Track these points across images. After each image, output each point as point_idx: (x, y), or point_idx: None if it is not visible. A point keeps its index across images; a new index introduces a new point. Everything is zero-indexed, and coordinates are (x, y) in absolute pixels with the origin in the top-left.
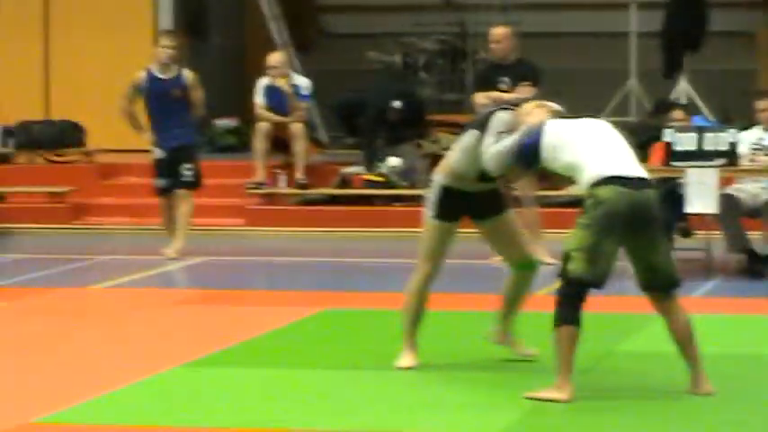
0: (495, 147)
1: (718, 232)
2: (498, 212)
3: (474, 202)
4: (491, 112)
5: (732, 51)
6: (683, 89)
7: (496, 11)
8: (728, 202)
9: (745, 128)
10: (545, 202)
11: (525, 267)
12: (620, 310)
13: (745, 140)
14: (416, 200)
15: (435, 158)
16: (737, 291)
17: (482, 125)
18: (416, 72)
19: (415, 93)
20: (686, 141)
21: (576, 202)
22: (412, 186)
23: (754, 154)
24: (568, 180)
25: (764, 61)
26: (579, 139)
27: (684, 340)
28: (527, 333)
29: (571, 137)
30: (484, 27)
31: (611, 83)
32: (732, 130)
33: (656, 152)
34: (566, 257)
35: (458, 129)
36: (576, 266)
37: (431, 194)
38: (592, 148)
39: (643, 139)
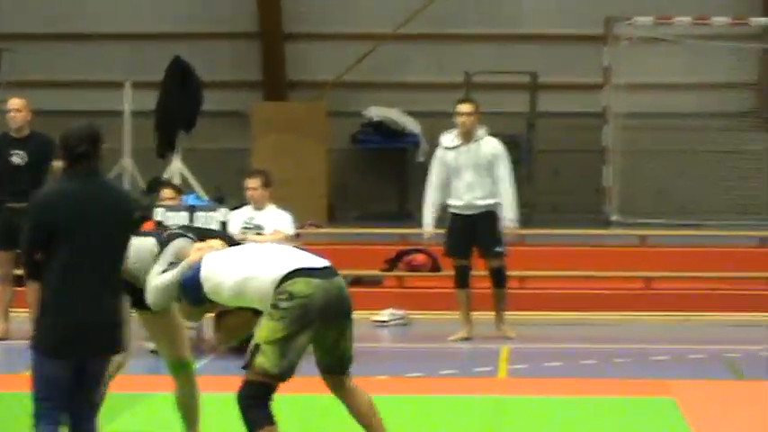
0: (158, 279)
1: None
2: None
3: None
4: (172, 235)
5: (226, 130)
6: (176, 168)
7: None
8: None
9: (237, 207)
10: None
11: (182, 368)
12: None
13: (237, 219)
14: None
15: None
16: (229, 369)
17: (162, 247)
18: None
19: None
20: (177, 219)
21: None
22: None
23: (244, 232)
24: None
25: (257, 140)
26: (241, 257)
27: (367, 415)
28: None
29: (231, 259)
30: None
31: (107, 161)
32: (223, 209)
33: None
34: (255, 349)
35: None
36: (265, 360)
37: None
38: (260, 258)
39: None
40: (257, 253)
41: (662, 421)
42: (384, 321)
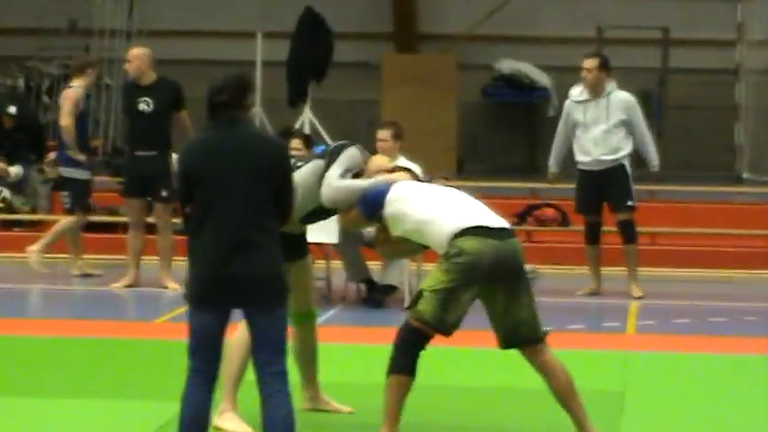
0: (343, 180)
1: (338, 261)
2: (300, 257)
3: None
4: (342, 145)
5: (357, 82)
6: (306, 118)
7: (121, 37)
8: (348, 232)
9: None
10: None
11: (307, 318)
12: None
13: None
14: (37, 225)
15: (58, 183)
16: (357, 320)
17: (331, 156)
18: (39, 96)
19: (35, 115)
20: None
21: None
22: (33, 211)
23: None
24: (414, 248)
25: (388, 92)
26: (429, 197)
27: (564, 394)
28: None
29: (421, 194)
30: (108, 52)
31: None
32: None
33: None
34: (419, 294)
35: None
36: (427, 308)
37: None
38: (445, 204)
39: None
40: (445, 198)
41: None
42: None
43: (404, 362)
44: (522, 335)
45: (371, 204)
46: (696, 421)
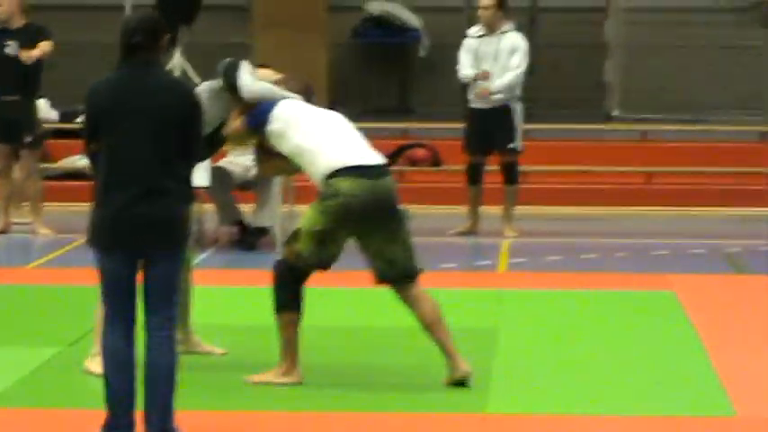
0: (261, 82)
1: (210, 205)
2: None
3: None
4: (232, 61)
5: (227, 25)
6: (177, 62)
7: None
8: (220, 175)
9: None
10: (46, 175)
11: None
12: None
13: None
14: None
15: None
16: (230, 262)
17: (227, 72)
18: None
19: None
20: None
21: (75, 175)
22: None
23: None
24: (290, 167)
25: (258, 35)
26: (313, 124)
27: (432, 326)
28: None
29: (305, 119)
30: None
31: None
32: None
33: None
34: (295, 234)
35: None
36: (303, 247)
37: None
38: (325, 136)
39: None
40: (326, 128)
41: (662, 313)
42: None
43: (285, 298)
44: (397, 271)
45: (257, 117)
46: (567, 357)
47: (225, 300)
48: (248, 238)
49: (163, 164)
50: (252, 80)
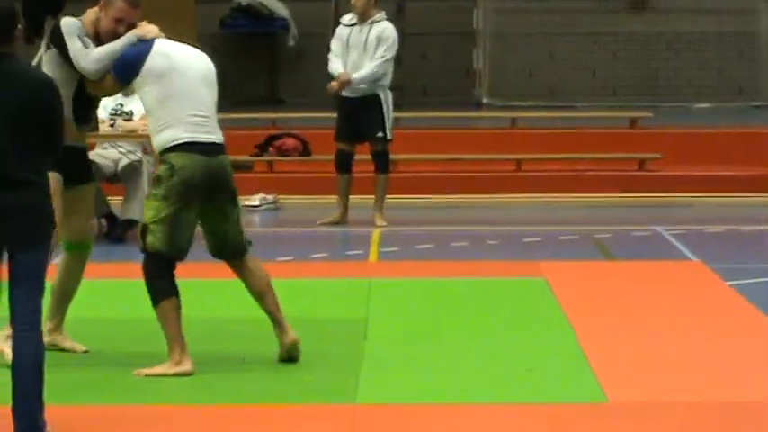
0: (95, 50)
1: None
2: (81, 181)
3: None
4: (54, 25)
5: None
6: (43, 54)
7: None
8: None
9: None
10: None
11: (81, 248)
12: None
13: (106, 106)
14: None
15: None
16: (98, 255)
17: (52, 38)
18: None
19: None
20: None
21: None
22: None
23: (113, 119)
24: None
25: None
26: (176, 79)
27: (261, 295)
28: None
29: (172, 71)
30: None
31: None
32: None
33: None
34: (143, 230)
35: None
36: (155, 240)
37: None
38: (180, 99)
39: None
40: (185, 91)
41: (533, 300)
42: (255, 206)
43: (161, 288)
44: (230, 248)
45: (126, 67)
46: (438, 345)
47: (96, 292)
48: (117, 231)
49: (22, 154)
50: (80, 47)
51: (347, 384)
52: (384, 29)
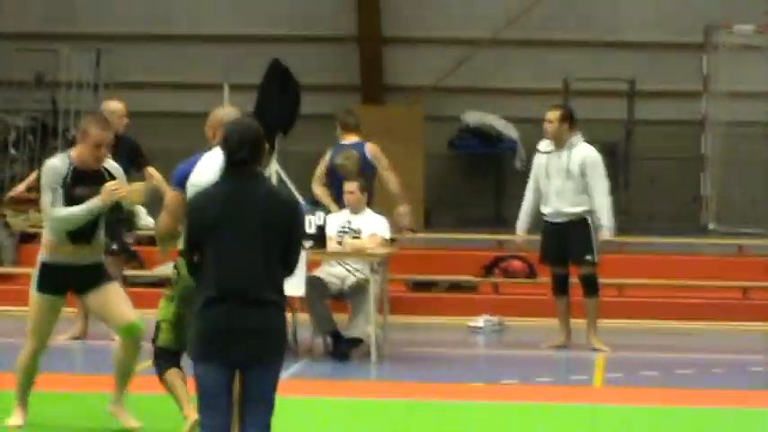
0: (59, 211)
1: (304, 314)
2: (99, 284)
3: (76, 275)
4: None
5: (323, 133)
6: (274, 170)
7: (87, 89)
8: (316, 284)
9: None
10: (132, 282)
11: (127, 332)
12: None
13: (334, 222)
14: (4, 279)
15: (26, 237)
16: (320, 373)
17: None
18: (6, 148)
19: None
20: None
21: (160, 283)
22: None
23: (341, 236)
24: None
25: None
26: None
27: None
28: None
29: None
30: (75, 104)
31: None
32: (320, 212)
33: None
34: (156, 327)
35: None
36: (164, 337)
37: (35, 272)
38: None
39: None
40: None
41: None
42: (479, 327)
43: (164, 364)
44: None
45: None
46: None
47: (318, 412)
48: (342, 348)
49: (267, 274)
50: (51, 206)
51: None
52: (587, 154)
